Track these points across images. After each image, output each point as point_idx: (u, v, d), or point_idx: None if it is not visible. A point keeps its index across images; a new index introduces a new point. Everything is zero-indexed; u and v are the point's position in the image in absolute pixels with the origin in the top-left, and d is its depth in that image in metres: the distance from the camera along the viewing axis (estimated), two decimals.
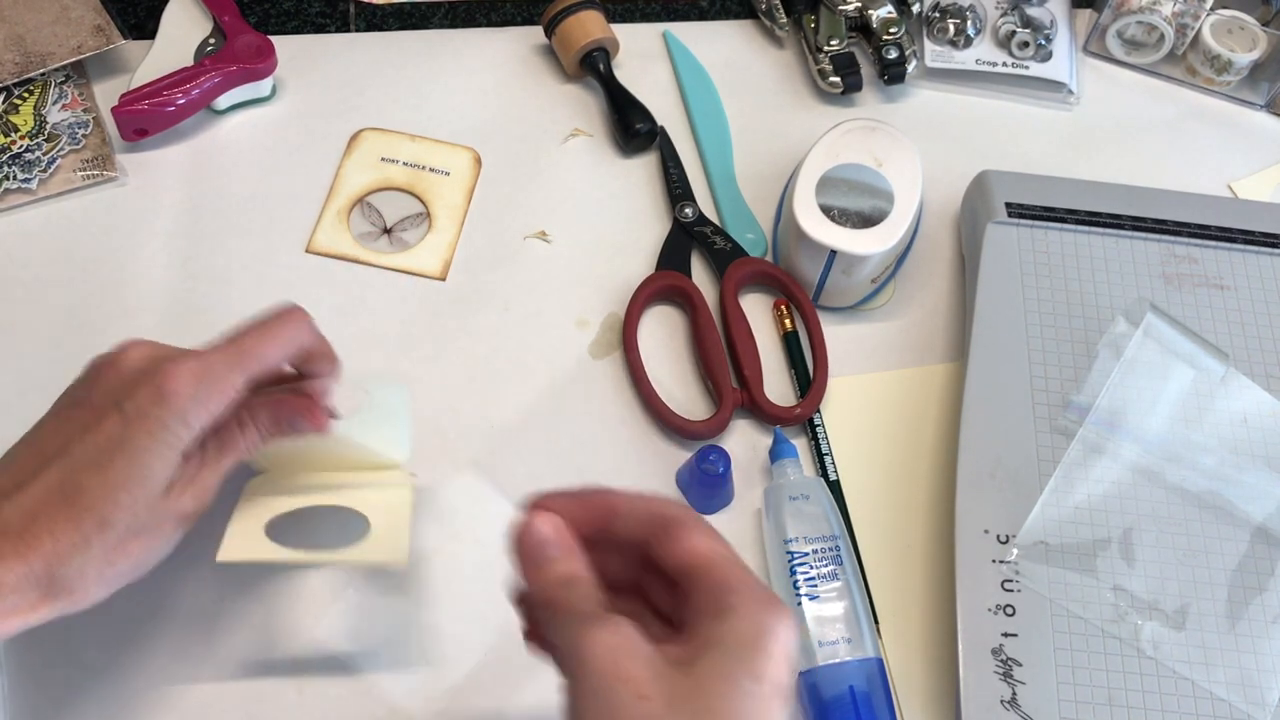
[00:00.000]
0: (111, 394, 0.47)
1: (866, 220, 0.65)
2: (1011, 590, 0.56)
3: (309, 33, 0.78)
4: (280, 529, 0.54)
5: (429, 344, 0.66)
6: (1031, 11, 0.80)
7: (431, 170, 0.72)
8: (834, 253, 0.64)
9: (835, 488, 0.62)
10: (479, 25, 0.80)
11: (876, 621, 0.59)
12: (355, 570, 0.58)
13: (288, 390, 0.54)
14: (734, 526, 0.61)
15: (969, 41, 0.79)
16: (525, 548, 0.43)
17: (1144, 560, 0.57)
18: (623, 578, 0.44)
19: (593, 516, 0.44)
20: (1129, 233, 0.68)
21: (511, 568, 0.44)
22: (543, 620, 0.43)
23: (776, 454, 0.61)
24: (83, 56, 0.71)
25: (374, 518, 0.55)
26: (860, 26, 0.79)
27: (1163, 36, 0.79)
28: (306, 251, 0.69)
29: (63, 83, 0.72)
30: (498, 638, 0.57)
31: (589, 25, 0.75)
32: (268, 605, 0.57)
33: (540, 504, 0.44)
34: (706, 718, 0.38)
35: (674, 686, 0.38)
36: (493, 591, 0.51)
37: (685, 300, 0.68)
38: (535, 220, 0.71)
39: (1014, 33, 0.79)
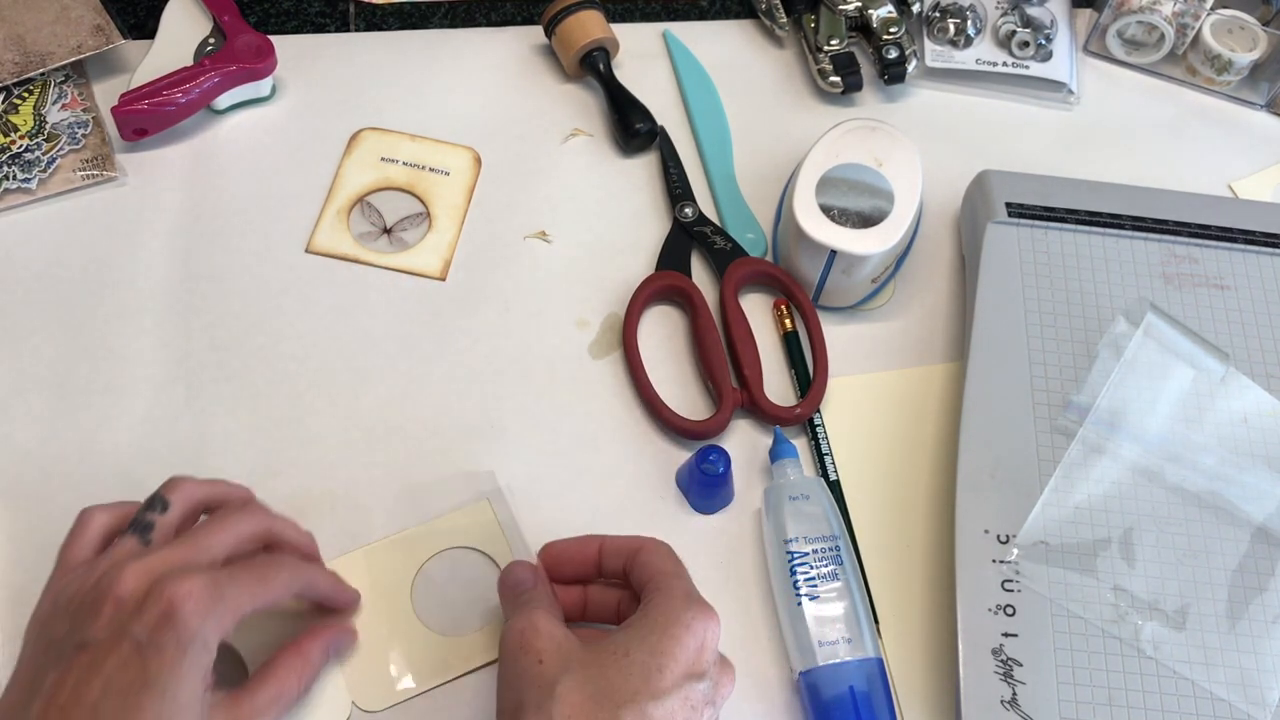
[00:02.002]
0: (120, 627, 0.43)
1: (866, 220, 0.65)
2: (1011, 590, 0.56)
3: (309, 33, 0.78)
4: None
5: (429, 344, 0.66)
6: (1031, 11, 0.80)
7: (431, 170, 0.72)
8: (834, 253, 0.64)
9: (835, 488, 0.62)
10: (479, 25, 0.80)
11: (876, 621, 0.59)
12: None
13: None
14: (734, 526, 0.61)
15: (969, 41, 0.79)
16: (505, 587, 0.53)
17: (1144, 560, 0.57)
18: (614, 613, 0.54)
19: (585, 556, 0.53)
20: (1129, 233, 0.68)
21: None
22: None
23: (776, 454, 0.61)
24: (82, 56, 0.71)
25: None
26: (860, 26, 0.79)
27: (1163, 36, 0.79)
28: (306, 251, 0.69)
29: (62, 82, 0.72)
30: None
31: (589, 25, 0.75)
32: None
33: (543, 551, 0.54)
34: (596, 680, 0.45)
35: (571, 655, 0.46)
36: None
37: (685, 300, 0.68)
38: (535, 220, 0.71)
39: (1014, 32, 0.79)
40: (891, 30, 0.77)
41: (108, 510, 0.50)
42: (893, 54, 0.77)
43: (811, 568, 0.57)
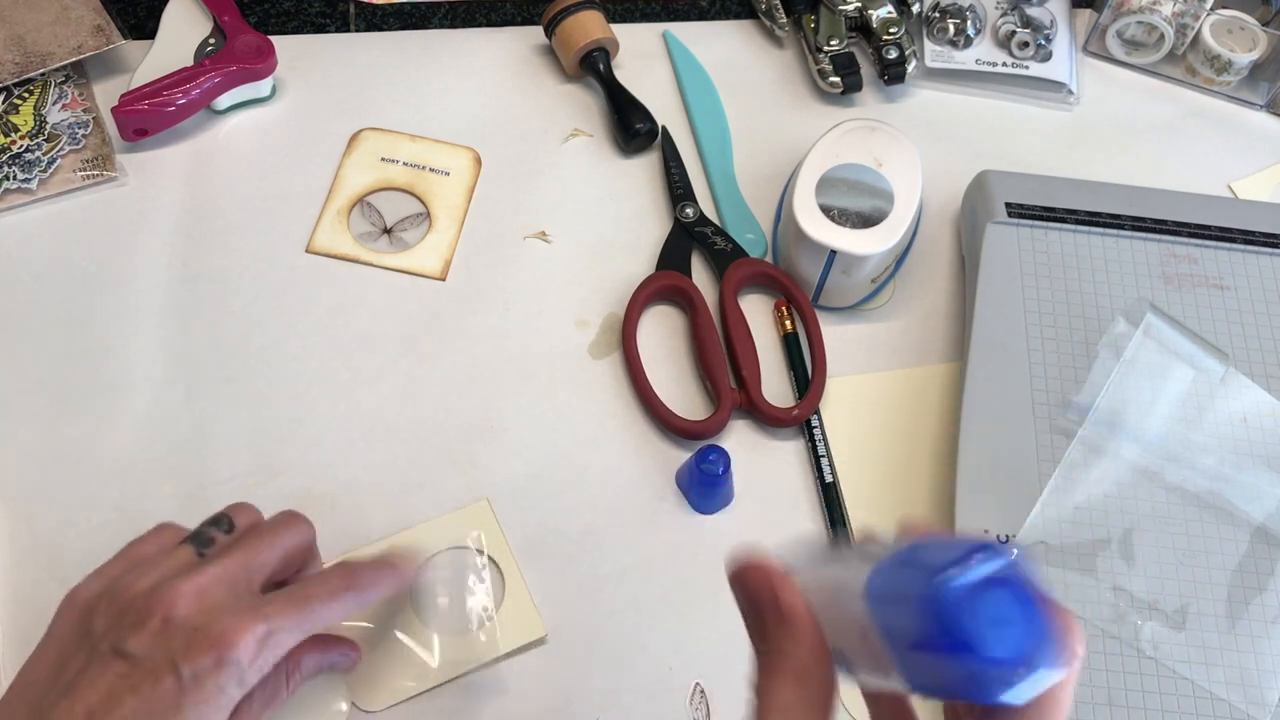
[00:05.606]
0: (165, 652, 0.43)
1: (866, 220, 0.65)
2: None
3: (309, 33, 0.78)
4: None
5: (429, 344, 0.66)
6: (1031, 11, 0.80)
7: (431, 170, 0.72)
8: (834, 253, 0.64)
9: (833, 489, 0.62)
10: (479, 25, 0.80)
11: None
12: None
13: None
14: (734, 527, 0.61)
15: (969, 41, 0.79)
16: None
17: (1144, 560, 0.57)
18: None
19: None
20: (1129, 233, 0.68)
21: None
22: None
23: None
24: (83, 56, 0.71)
25: None
26: (860, 26, 0.79)
27: (1163, 36, 0.79)
28: (306, 251, 0.69)
29: (63, 83, 0.72)
30: None
31: (589, 25, 0.75)
32: None
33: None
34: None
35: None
36: None
37: (685, 300, 0.68)
38: (535, 220, 0.71)
39: (1014, 33, 0.79)
40: (891, 30, 0.77)
41: (182, 532, 0.50)
42: (892, 54, 0.77)
43: None
